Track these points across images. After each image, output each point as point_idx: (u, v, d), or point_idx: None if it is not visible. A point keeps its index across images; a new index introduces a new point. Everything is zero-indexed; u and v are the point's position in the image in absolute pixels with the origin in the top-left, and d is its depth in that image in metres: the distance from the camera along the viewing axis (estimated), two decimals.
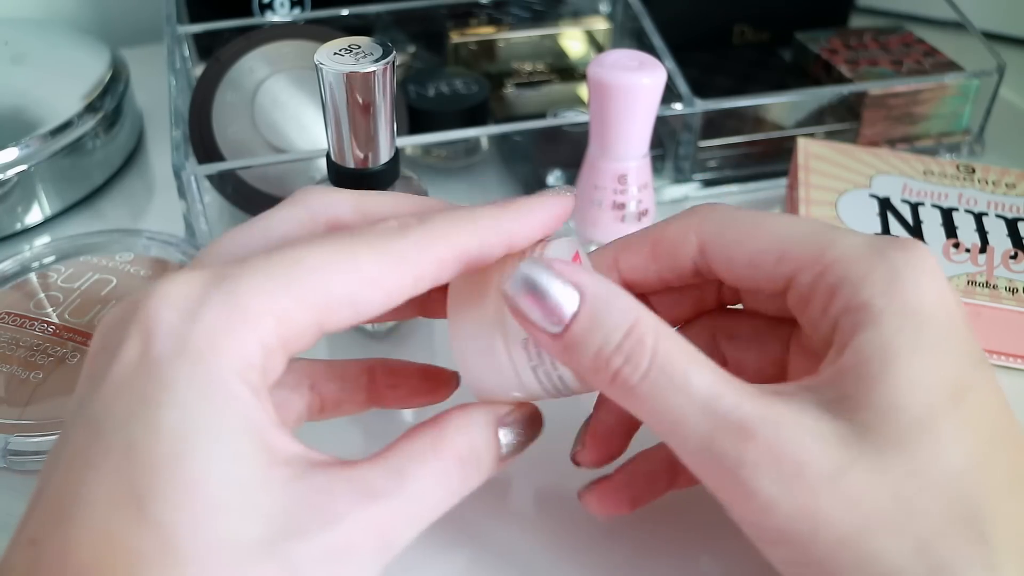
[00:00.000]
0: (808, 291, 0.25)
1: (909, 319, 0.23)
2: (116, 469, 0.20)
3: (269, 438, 0.21)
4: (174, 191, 0.42)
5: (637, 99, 0.37)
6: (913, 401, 0.22)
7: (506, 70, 0.56)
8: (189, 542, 0.19)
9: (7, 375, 0.35)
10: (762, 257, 0.26)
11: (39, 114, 0.47)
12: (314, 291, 0.22)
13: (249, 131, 0.45)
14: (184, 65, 0.51)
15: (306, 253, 0.22)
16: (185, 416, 0.20)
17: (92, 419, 0.21)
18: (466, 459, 0.24)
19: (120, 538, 0.19)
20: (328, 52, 0.30)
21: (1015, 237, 0.40)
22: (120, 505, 0.19)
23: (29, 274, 0.40)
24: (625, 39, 0.56)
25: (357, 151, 0.32)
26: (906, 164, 0.45)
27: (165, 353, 0.20)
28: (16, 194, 0.46)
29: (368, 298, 0.22)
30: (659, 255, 0.28)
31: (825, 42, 0.56)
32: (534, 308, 0.23)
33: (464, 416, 0.25)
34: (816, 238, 0.25)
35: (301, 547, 0.20)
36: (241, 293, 0.21)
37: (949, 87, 0.50)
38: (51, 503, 0.20)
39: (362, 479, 0.22)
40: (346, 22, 0.53)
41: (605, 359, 0.23)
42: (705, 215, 0.27)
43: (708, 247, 0.27)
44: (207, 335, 0.21)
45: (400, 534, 0.22)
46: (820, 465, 0.22)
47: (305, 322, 0.22)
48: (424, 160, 0.50)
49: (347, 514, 0.21)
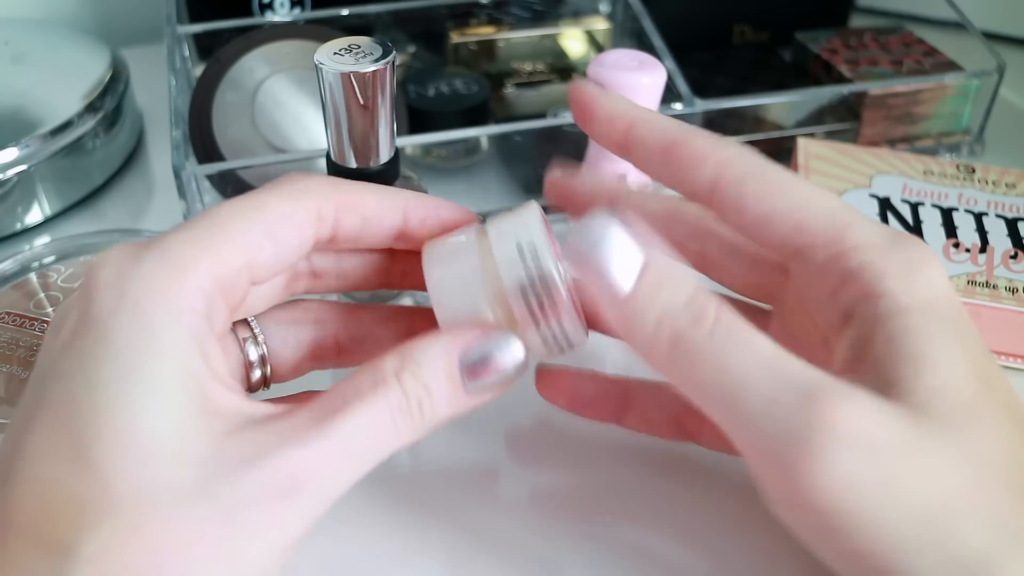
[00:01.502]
0: (820, 269, 0.25)
1: (933, 310, 0.23)
2: (57, 422, 0.21)
3: (206, 389, 0.22)
4: (174, 191, 0.42)
5: (637, 99, 0.37)
6: (957, 386, 0.22)
7: (506, 70, 0.56)
8: (126, 487, 0.20)
9: (7, 375, 0.35)
10: (779, 221, 0.25)
11: (39, 114, 0.47)
12: (237, 233, 0.24)
13: (249, 131, 0.45)
14: (184, 65, 0.51)
15: (219, 207, 0.24)
16: (122, 368, 0.21)
17: (37, 382, 0.22)
18: (412, 393, 0.23)
19: (62, 487, 0.20)
20: (328, 52, 0.30)
21: (1015, 237, 0.40)
22: (62, 456, 0.20)
23: (29, 274, 0.40)
24: (625, 39, 0.56)
25: (357, 151, 0.32)
26: (906, 164, 0.45)
27: (104, 309, 0.22)
28: (16, 194, 0.46)
29: (283, 234, 0.25)
30: (670, 159, 0.26)
31: (825, 42, 0.56)
32: (606, 265, 0.23)
33: (414, 346, 0.24)
34: (837, 217, 0.25)
35: (231, 488, 0.21)
36: (170, 247, 0.23)
37: (949, 87, 0.50)
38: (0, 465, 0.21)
39: (293, 424, 0.22)
40: (346, 22, 0.53)
41: (670, 320, 0.22)
42: (732, 156, 0.25)
43: (722, 188, 0.25)
44: (144, 286, 0.22)
45: (333, 473, 0.22)
46: (895, 439, 0.21)
47: (236, 263, 0.23)
48: (424, 160, 0.50)
49: (270, 456, 0.21)
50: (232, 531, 0.21)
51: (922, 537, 0.21)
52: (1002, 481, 0.22)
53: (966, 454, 0.22)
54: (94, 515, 0.20)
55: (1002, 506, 0.21)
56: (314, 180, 0.26)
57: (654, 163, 0.27)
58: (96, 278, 0.22)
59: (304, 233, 0.25)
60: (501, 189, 0.50)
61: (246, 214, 0.24)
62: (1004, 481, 0.22)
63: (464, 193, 0.49)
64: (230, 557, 0.21)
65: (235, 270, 0.24)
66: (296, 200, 0.25)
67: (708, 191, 0.26)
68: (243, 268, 0.24)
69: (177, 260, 0.22)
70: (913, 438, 0.21)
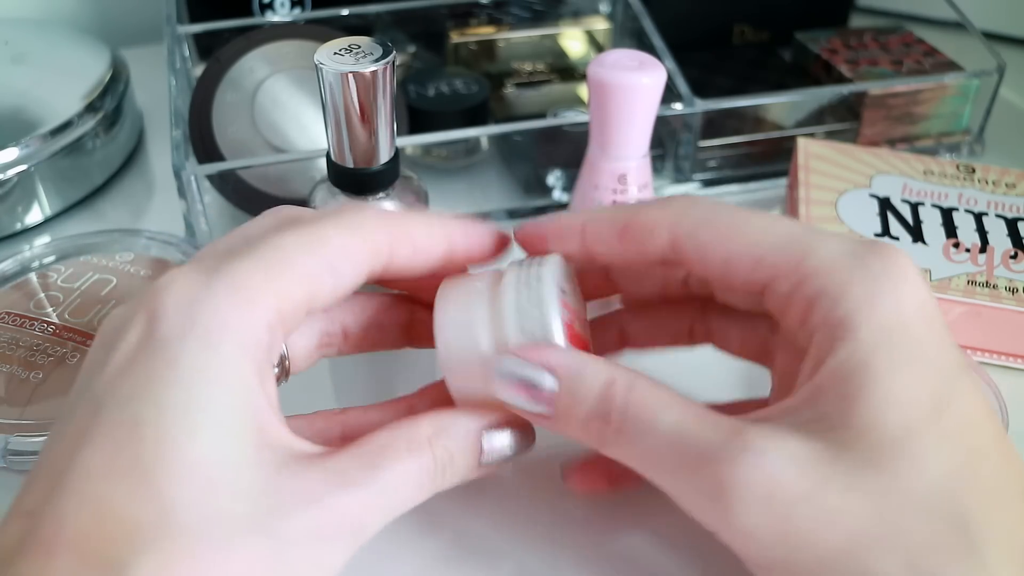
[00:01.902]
0: (785, 300, 0.25)
1: (887, 334, 0.23)
2: (119, 443, 0.21)
3: (264, 421, 0.22)
4: (174, 191, 0.42)
5: (637, 99, 0.37)
6: (890, 419, 0.22)
7: (506, 70, 0.56)
8: (186, 515, 0.20)
9: (7, 375, 0.35)
10: (737, 261, 0.25)
11: (39, 114, 0.47)
12: (300, 266, 0.24)
13: (249, 131, 0.45)
14: (184, 65, 0.51)
15: (281, 238, 0.24)
16: (190, 395, 0.21)
17: (94, 399, 0.22)
18: (440, 459, 0.25)
19: (119, 506, 0.20)
20: (328, 52, 0.30)
21: (1015, 237, 0.40)
22: (122, 475, 0.20)
23: (29, 274, 0.40)
24: (625, 39, 0.56)
25: (357, 151, 0.32)
26: (906, 164, 0.45)
27: (172, 333, 0.22)
28: (16, 194, 0.46)
29: (343, 268, 0.25)
30: (627, 241, 0.27)
31: (825, 42, 0.56)
32: (523, 398, 0.25)
33: (446, 418, 0.26)
34: (794, 245, 0.25)
35: (284, 525, 0.21)
36: (238, 277, 0.23)
37: (949, 87, 0.50)
38: (48, 476, 0.21)
39: (338, 468, 0.23)
40: (346, 22, 0.53)
41: (589, 426, 0.25)
42: (681, 211, 0.26)
43: (681, 244, 0.26)
44: (215, 316, 0.22)
45: (372, 521, 0.24)
46: (792, 486, 0.22)
47: (299, 296, 0.24)
48: (424, 160, 0.50)
49: (323, 499, 0.22)
50: (281, 567, 0.21)
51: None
52: (927, 514, 0.21)
53: (880, 492, 0.21)
54: (151, 538, 0.20)
55: (919, 542, 0.21)
56: (369, 213, 0.26)
57: (617, 251, 0.27)
58: (163, 301, 0.22)
59: (361, 267, 0.25)
60: (501, 189, 0.50)
61: (309, 247, 0.24)
62: (930, 514, 0.21)
63: (464, 193, 0.49)
64: None
65: (297, 303, 0.24)
66: (354, 233, 0.25)
67: (672, 253, 0.26)
68: (303, 300, 0.24)
69: (246, 292, 0.23)
70: (817, 481, 0.22)
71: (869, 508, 0.21)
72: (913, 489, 0.21)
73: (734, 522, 0.22)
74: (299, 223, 0.25)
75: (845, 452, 0.22)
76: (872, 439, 0.22)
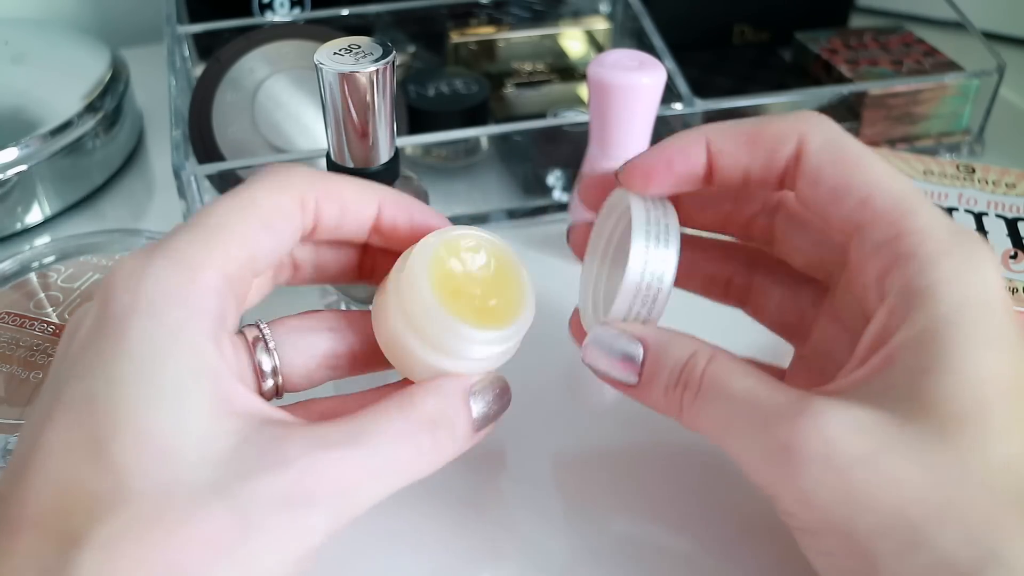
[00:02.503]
0: (873, 249, 0.25)
1: (970, 311, 0.23)
2: (75, 419, 0.21)
3: (225, 388, 0.22)
4: (174, 191, 0.42)
5: (637, 99, 0.37)
6: (965, 394, 0.22)
7: (506, 70, 0.56)
8: (141, 483, 0.20)
9: (7, 375, 0.35)
10: (850, 191, 0.25)
11: (39, 114, 0.47)
12: (238, 230, 0.24)
13: (249, 131, 0.45)
14: (184, 65, 0.51)
15: (214, 207, 0.25)
16: (142, 366, 0.21)
17: (55, 382, 0.22)
18: (438, 422, 0.25)
19: (78, 482, 0.20)
20: (328, 52, 0.30)
21: (1015, 237, 0.40)
22: (79, 452, 0.20)
23: (29, 274, 0.40)
24: (625, 39, 0.56)
25: (357, 151, 0.32)
26: (906, 164, 0.45)
27: (120, 311, 0.22)
28: (16, 194, 0.46)
29: (278, 225, 0.25)
30: (757, 147, 0.27)
31: (825, 42, 0.56)
32: (615, 368, 0.27)
33: (434, 384, 0.26)
34: (906, 200, 0.25)
35: (249, 489, 0.21)
36: (179, 249, 0.23)
37: (949, 87, 0.50)
38: (16, 460, 0.21)
39: (317, 433, 0.23)
40: (346, 22, 0.53)
41: (670, 392, 0.26)
42: (812, 124, 0.26)
43: (803, 158, 0.26)
44: (157, 287, 0.22)
45: (361, 487, 0.23)
46: (851, 448, 0.22)
47: (241, 258, 0.24)
48: (424, 160, 0.50)
49: (297, 459, 0.22)
50: (248, 534, 0.20)
51: (894, 544, 0.21)
52: (990, 490, 0.21)
53: (951, 462, 0.21)
54: (108, 508, 0.20)
55: (982, 518, 0.21)
56: (296, 171, 0.26)
57: (743, 160, 0.27)
58: (111, 283, 0.23)
59: (294, 222, 0.26)
60: (501, 189, 0.50)
61: (243, 209, 0.25)
62: (994, 490, 0.21)
63: (464, 193, 0.49)
64: (244, 561, 0.20)
65: (241, 265, 0.24)
66: (283, 191, 0.26)
67: (793, 162, 0.26)
68: (247, 262, 0.24)
69: (188, 261, 0.23)
70: (879, 445, 0.22)
71: (931, 478, 0.21)
72: (980, 465, 0.22)
73: (795, 482, 0.22)
74: (228, 193, 0.25)
75: (912, 423, 0.22)
76: (944, 413, 0.22)
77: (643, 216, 0.27)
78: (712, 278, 0.31)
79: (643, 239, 0.27)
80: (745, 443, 0.24)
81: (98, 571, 0.19)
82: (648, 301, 0.27)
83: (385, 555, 0.30)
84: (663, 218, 0.27)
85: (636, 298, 0.27)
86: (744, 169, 0.27)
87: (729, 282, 0.31)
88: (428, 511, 0.31)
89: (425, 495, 0.31)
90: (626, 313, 0.27)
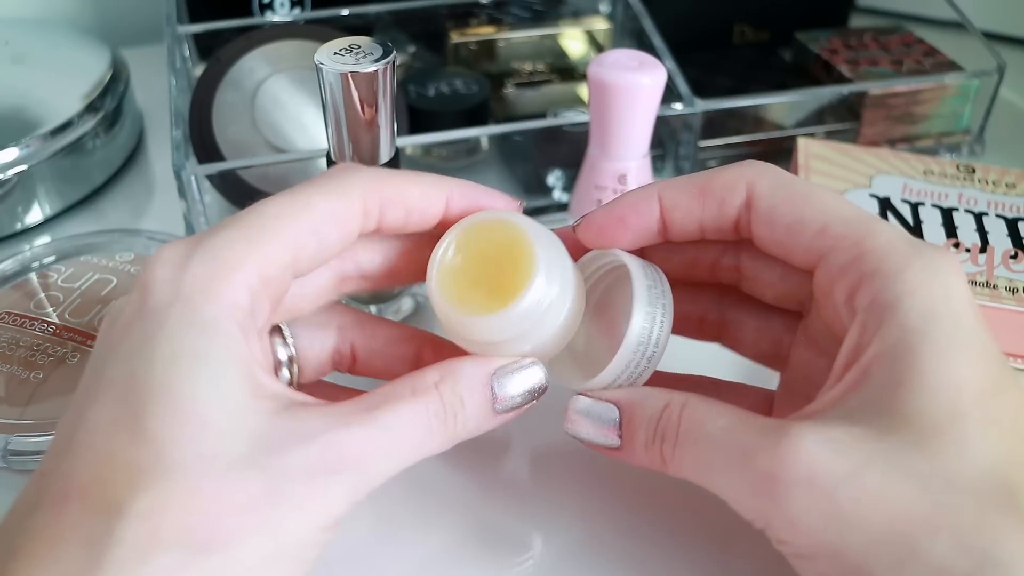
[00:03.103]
0: (838, 273, 0.25)
1: (937, 321, 0.23)
2: (117, 397, 0.22)
3: (255, 373, 0.23)
4: (174, 191, 0.42)
5: (637, 99, 0.37)
6: (939, 403, 0.22)
7: (506, 70, 0.56)
8: (180, 454, 0.21)
9: (7, 375, 0.35)
10: (804, 226, 0.26)
11: (39, 114, 0.47)
12: (283, 233, 0.25)
13: (249, 131, 0.45)
14: (184, 65, 0.51)
15: (264, 207, 0.25)
16: (178, 347, 0.22)
17: (97, 367, 0.23)
18: (447, 403, 0.25)
19: (118, 455, 0.21)
20: (328, 52, 0.30)
21: (1015, 237, 0.40)
22: (120, 427, 0.21)
23: (29, 274, 0.40)
24: (625, 39, 0.56)
25: (357, 151, 0.32)
26: (906, 164, 0.45)
27: (160, 301, 0.23)
28: (16, 194, 0.46)
29: (328, 232, 0.26)
30: (707, 200, 0.28)
31: (825, 42, 0.56)
32: (593, 434, 0.27)
33: (450, 365, 0.26)
34: (859, 223, 0.25)
35: (278, 462, 0.22)
36: (219, 247, 0.24)
37: (949, 87, 0.50)
38: (60, 440, 0.23)
39: (338, 411, 0.24)
40: (346, 22, 0.53)
41: (651, 449, 0.26)
42: (758, 171, 0.27)
43: (755, 202, 0.27)
44: (197, 283, 0.23)
45: (374, 459, 0.24)
46: (833, 468, 0.22)
47: (282, 260, 0.25)
48: (424, 160, 0.50)
49: (320, 434, 0.23)
50: (277, 502, 0.22)
51: (888, 559, 0.21)
52: (974, 495, 0.21)
53: (932, 472, 0.22)
54: (147, 478, 0.21)
55: (969, 523, 0.21)
56: (360, 174, 0.27)
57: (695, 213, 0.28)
58: (152, 275, 0.24)
59: (348, 228, 0.26)
60: (501, 189, 0.49)
61: (292, 213, 0.25)
62: (978, 494, 0.21)
63: None
64: (274, 526, 0.22)
65: (281, 267, 0.25)
66: (341, 197, 0.26)
67: (744, 211, 0.27)
68: (287, 265, 0.25)
69: (225, 260, 0.24)
70: (859, 462, 0.22)
71: (915, 489, 0.22)
72: (961, 471, 0.22)
73: (782, 510, 0.22)
74: (286, 192, 0.26)
75: (890, 435, 0.22)
76: (921, 423, 0.22)
77: (643, 282, 0.27)
78: (685, 317, 0.31)
79: (645, 306, 0.27)
80: (730, 479, 0.24)
81: (139, 538, 0.20)
82: (640, 366, 0.27)
83: (384, 551, 0.30)
84: (659, 283, 0.28)
85: (631, 363, 0.27)
86: (697, 221, 0.28)
87: (703, 319, 0.31)
88: (418, 508, 0.31)
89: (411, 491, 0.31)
90: (616, 377, 0.27)
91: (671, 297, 0.28)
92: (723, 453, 0.24)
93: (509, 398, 0.27)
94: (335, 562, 0.28)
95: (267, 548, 0.22)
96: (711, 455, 0.25)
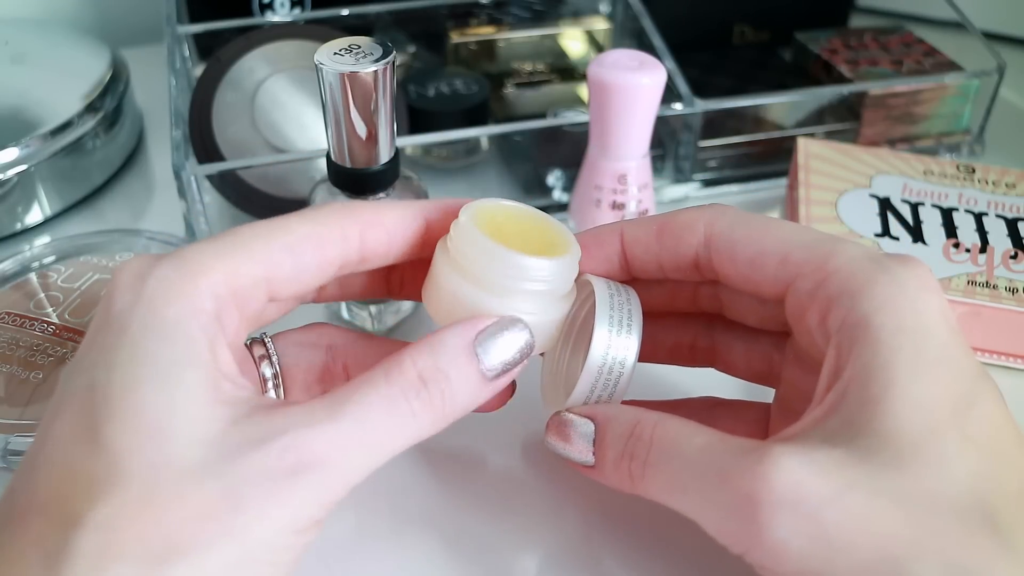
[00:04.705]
0: (807, 299, 0.25)
1: (908, 336, 0.23)
2: (77, 408, 0.22)
3: (215, 378, 0.23)
4: (174, 191, 0.42)
5: (637, 99, 0.37)
6: (913, 422, 0.22)
7: (506, 70, 0.56)
8: (135, 463, 0.21)
9: (7, 375, 0.35)
10: (765, 258, 0.26)
11: (39, 114, 0.47)
12: (256, 248, 0.25)
13: (249, 131, 0.45)
14: (184, 65, 0.51)
15: (241, 228, 0.25)
16: (138, 353, 0.22)
17: (66, 380, 0.23)
18: (428, 380, 0.24)
19: (77, 466, 0.21)
20: (328, 52, 0.30)
21: (1015, 237, 0.40)
22: (79, 438, 0.21)
23: (29, 274, 0.40)
24: (625, 39, 0.56)
25: (357, 151, 0.32)
26: (906, 164, 0.45)
27: (123, 307, 0.23)
28: (16, 194, 0.46)
29: (303, 252, 0.25)
30: (665, 238, 0.28)
31: (825, 42, 0.56)
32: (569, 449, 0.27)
33: (428, 339, 0.25)
34: (819, 247, 0.26)
35: (235, 467, 0.21)
36: (187, 255, 0.24)
37: (949, 87, 0.50)
38: (26, 454, 0.23)
39: (303, 410, 0.23)
40: (346, 22, 0.53)
41: (620, 465, 0.26)
42: (717, 212, 0.28)
43: (715, 241, 0.27)
44: (160, 286, 0.23)
45: (348, 458, 0.23)
46: (818, 490, 0.21)
47: (252, 275, 0.24)
48: (424, 160, 0.50)
49: (279, 437, 0.22)
50: (238, 507, 0.21)
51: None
52: (956, 513, 0.21)
53: (912, 493, 0.21)
54: (104, 489, 0.21)
55: (952, 543, 0.21)
56: (336, 204, 0.27)
57: (654, 251, 0.28)
58: (116, 283, 0.24)
59: (326, 252, 0.26)
60: (501, 189, 0.50)
61: (268, 232, 0.25)
62: (959, 513, 0.21)
63: (464, 193, 0.49)
64: (239, 532, 0.21)
65: (252, 281, 0.25)
66: (319, 222, 0.26)
67: (704, 250, 0.28)
68: (260, 280, 0.25)
69: (192, 266, 0.24)
70: (846, 484, 0.21)
71: (899, 512, 0.21)
72: (940, 491, 0.21)
73: (765, 535, 0.22)
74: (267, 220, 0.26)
75: (870, 456, 0.22)
76: (898, 442, 0.22)
77: (607, 302, 0.27)
78: (675, 346, 0.32)
79: (606, 325, 0.27)
80: (705, 500, 0.23)
81: (96, 549, 0.20)
82: (609, 385, 0.27)
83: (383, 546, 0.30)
84: (626, 303, 0.28)
85: (598, 382, 0.27)
86: (656, 258, 0.28)
87: (693, 346, 0.32)
88: (413, 510, 0.31)
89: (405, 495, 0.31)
90: (587, 396, 0.27)
91: (640, 318, 0.28)
92: (698, 473, 0.23)
93: (499, 360, 0.25)
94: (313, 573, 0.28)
95: (233, 554, 0.21)
96: (684, 475, 0.24)
